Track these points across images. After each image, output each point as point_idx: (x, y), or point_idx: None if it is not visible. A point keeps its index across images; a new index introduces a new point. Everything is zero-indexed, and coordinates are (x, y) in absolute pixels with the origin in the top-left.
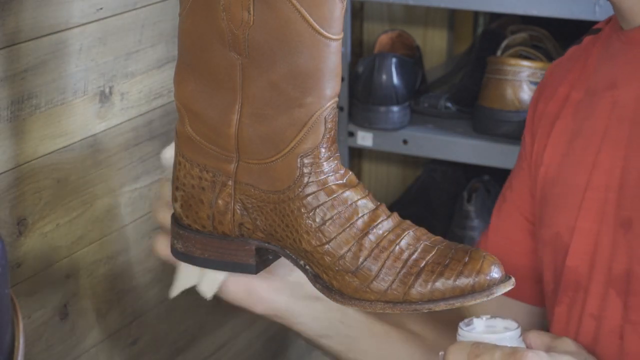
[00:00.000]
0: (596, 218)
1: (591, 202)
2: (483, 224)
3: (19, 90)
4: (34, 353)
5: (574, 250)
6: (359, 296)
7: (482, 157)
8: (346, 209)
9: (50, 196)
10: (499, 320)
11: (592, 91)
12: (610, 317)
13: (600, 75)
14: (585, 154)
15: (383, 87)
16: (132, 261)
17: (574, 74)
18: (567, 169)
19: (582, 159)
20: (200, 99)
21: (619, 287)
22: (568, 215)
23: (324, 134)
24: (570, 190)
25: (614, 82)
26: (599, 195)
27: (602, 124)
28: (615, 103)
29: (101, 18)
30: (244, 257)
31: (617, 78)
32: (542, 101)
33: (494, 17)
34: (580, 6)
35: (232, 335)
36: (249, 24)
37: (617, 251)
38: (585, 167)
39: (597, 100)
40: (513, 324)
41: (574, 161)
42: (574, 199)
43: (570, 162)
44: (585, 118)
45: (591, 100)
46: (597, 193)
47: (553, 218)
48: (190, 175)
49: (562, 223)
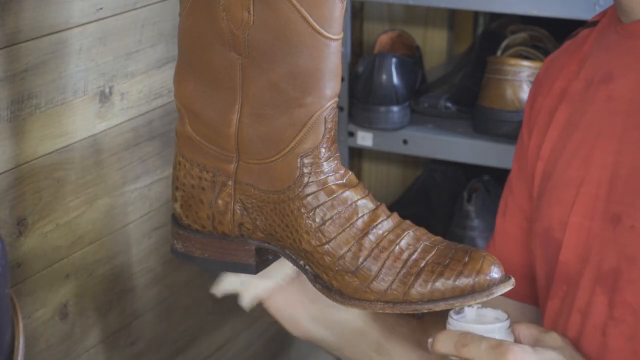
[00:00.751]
0: (587, 213)
1: (584, 197)
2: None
3: (19, 90)
4: (34, 353)
5: (566, 245)
6: (359, 296)
7: (482, 157)
8: (346, 209)
9: (50, 196)
10: (489, 310)
11: (588, 83)
12: (595, 313)
13: (595, 66)
14: (580, 148)
15: (383, 87)
16: (132, 261)
17: (571, 68)
18: (563, 163)
19: (578, 153)
20: (200, 99)
21: (605, 284)
22: (562, 209)
23: (324, 134)
24: (565, 185)
25: (610, 75)
26: (591, 190)
27: (597, 117)
28: (610, 96)
29: (101, 18)
30: (243, 257)
31: (613, 70)
32: (539, 97)
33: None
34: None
35: (232, 335)
36: (249, 23)
37: (605, 247)
38: (580, 162)
39: (593, 93)
40: (503, 315)
41: (570, 155)
42: (568, 193)
43: (566, 156)
44: (581, 111)
45: (587, 93)
46: (590, 188)
47: (547, 212)
48: (190, 175)
49: (556, 217)
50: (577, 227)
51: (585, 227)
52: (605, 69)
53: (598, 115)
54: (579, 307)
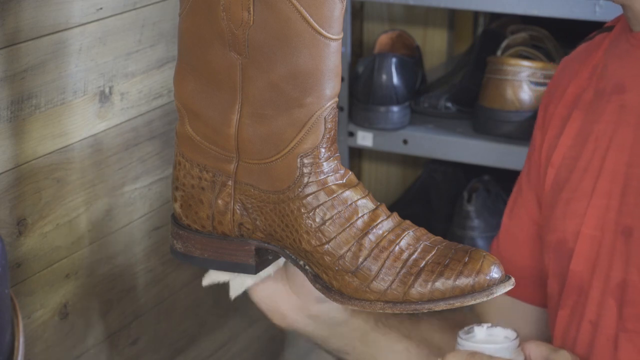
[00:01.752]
0: (598, 224)
1: (595, 208)
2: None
3: (19, 90)
4: (34, 353)
5: (577, 255)
6: (359, 296)
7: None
8: (346, 209)
9: (50, 196)
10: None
11: (600, 92)
12: (606, 325)
13: (608, 76)
14: (592, 159)
15: (383, 87)
16: (132, 261)
17: (583, 75)
18: (575, 174)
19: (590, 164)
20: (200, 99)
21: (616, 295)
22: (574, 221)
23: (323, 134)
24: (577, 196)
25: (622, 85)
26: (602, 202)
27: (609, 128)
28: (622, 107)
29: (101, 18)
30: (243, 257)
31: (625, 81)
32: (552, 102)
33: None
34: (581, 6)
35: (232, 335)
36: (249, 23)
37: (616, 259)
38: (592, 173)
39: (605, 103)
40: (512, 334)
41: (582, 166)
42: (580, 204)
43: (578, 167)
44: (594, 121)
45: (600, 103)
46: (601, 200)
47: (561, 224)
48: (190, 175)
49: (568, 229)
50: (588, 239)
51: (596, 238)
52: (617, 79)
53: (610, 126)
54: (590, 317)
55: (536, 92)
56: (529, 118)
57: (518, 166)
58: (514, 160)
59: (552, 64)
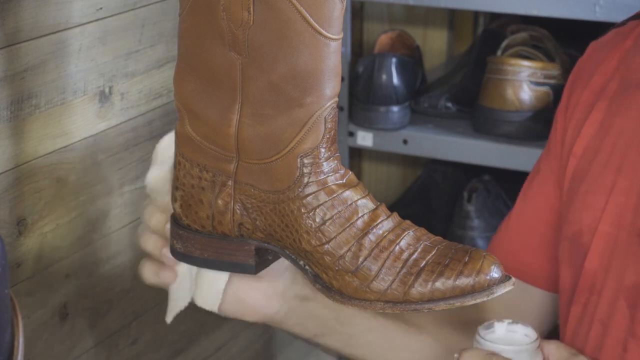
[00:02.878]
0: (615, 222)
1: (613, 205)
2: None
3: (19, 90)
4: (34, 353)
5: (592, 252)
6: (359, 296)
7: (482, 157)
8: (346, 209)
9: (50, 196)
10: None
11: (626, 85)
12: (616, 327)
13: (635, 68)
14: (612, 154)
15: (383, 87)
16: (132, 261)
17: (611, 63)
18: (595, 168)
19: (610, 159)
20: (200, 99)
21: (628, 298)
22: (592, 215)
23: (323, 134)
24: (595, 189)
25: None
26: (620, 200)
27: (632, 123)
28: None
29: (101, 18)
30: (243, 257)
31: None
32: (578, 87)
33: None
34: (581, 6)
35: (232, 335)
36: (249, 23)
37: (630, 260)
38: (613, 168)
39: (630, 96)
40: (533, 333)
41: (602, 160)
42: (599, 199)
43: (598, 160)
44: (616, 114)
45: (623, 96)
46: (619, 197)
47: (577, 216)
48: (190, 175)
49: (585, 223)
50: (604, 236)
51: (612, 236)
52: None
53: (631, 121)
54: (601, 317)
55: (536, 92)
56: (529, 118)
57: (518, 166)
58: (514, 160)
59: (552, 64)
